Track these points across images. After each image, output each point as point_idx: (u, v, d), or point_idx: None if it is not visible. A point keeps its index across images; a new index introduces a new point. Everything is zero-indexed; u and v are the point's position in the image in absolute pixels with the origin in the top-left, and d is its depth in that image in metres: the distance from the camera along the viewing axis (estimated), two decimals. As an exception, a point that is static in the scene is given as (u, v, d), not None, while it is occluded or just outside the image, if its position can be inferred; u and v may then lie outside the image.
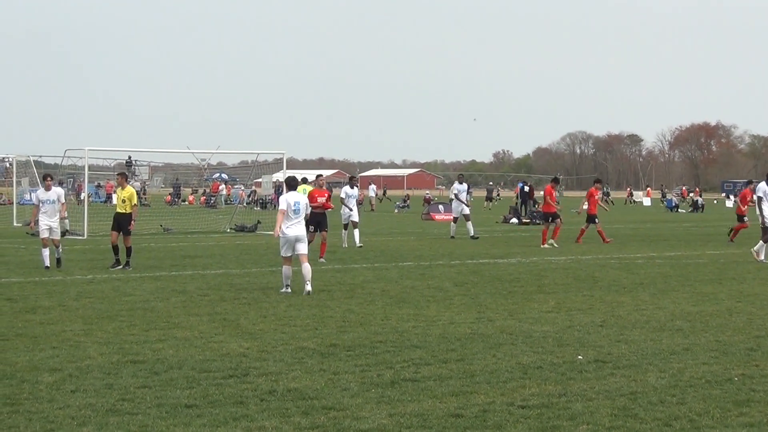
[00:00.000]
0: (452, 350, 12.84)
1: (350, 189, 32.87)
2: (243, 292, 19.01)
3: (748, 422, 9.25)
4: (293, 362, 11.94)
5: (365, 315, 16.02)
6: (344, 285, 20.46)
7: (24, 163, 50.84)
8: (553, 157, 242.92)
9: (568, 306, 17.37)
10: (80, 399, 9.92)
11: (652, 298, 18.57)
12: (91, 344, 13.08)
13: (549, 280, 21.60)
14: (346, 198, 32.52)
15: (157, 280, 21.13)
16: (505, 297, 18.62)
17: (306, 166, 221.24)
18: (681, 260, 27.57)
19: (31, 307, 16.76)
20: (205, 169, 74.33)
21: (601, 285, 20.83)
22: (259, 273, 23.02)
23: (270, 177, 58.16)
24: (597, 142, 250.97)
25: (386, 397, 10.13)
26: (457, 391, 10.40)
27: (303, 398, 10.03)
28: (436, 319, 15.62)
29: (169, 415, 9.33)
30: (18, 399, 9.91)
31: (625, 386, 10.75)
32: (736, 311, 16.90)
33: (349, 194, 32.61)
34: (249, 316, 15.86)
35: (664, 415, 9.49)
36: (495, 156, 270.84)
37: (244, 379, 10.96)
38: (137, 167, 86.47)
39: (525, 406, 9.76)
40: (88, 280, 21.32)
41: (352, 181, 34.08)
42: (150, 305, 17.07)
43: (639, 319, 15.85)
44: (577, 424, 9.12)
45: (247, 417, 9.26)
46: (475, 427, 9.01)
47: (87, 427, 8.87)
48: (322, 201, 26.42)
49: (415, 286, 20.46)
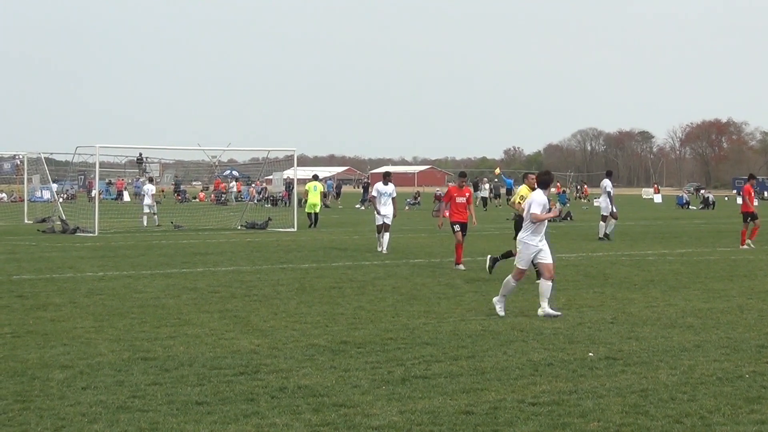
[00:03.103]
0: (463, 347, 12.83)
1: (384, 186, 28.88)
2: (254, 289, 19.02)
3: (759, 419, 9.23)
4: (304, 359, 11.94)
5: (376, 312, 16.02)
6: (355, 282, 20.45)
7: (35, 161, 50.92)
8: (564, 154, 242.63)
9: (579, 303, 17.35)
10: (91, 396, 9.94)
11: (663, 295, 18.53)
12: (101, 341, 13.10)
13: (560, 277, 21.50)
14: (378, 196, 28.68)
15: (168, 277, 21.15)
16: (515, 294, 18.54)
17: (317, 163, 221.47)
18: (692, 257, 27.51)
19: (42, 304, 16.80)
20: (215, 166, 74.42)
21: (612, 282, 20.80)
22: (270, 270, 23.03)
23: (281, 174, 58.14)
24: (608, 138, 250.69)
25: (397, 394, 10.12)
26: (468, 388, 10.39)
27: (314, 395, 10.03)
28: (447, 316, 15.62)
29: (179, 412, 9.34)
30: (29, 396, 9.93)
31: (635, 383, 10.72)
32: (747, 308, 16.85)
33: (382, 192, 28.74)
34: (260, 313, 15.86)
35: (675, 412, 9.47)
36: (506, 153, 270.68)
37: (254, 376, 10.96)
38: (148, 164, 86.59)
39: (536, 403, 9.75)
40: (99, 277, 21.36)
41: (387, 178, 29.45)
42: (161, 302, 17.10)
43: (650, 316, 15.82)
44: (587, 421, 9.10)
45: (258, 414, 9.26)
46: (486, 424, 9.00)
47: (98, 424, 8.88)
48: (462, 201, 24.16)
49: (425, 283, 20.45)
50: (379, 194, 28.60)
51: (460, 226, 23.92)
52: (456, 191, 24.46)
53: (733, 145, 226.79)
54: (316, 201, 44.28)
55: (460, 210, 24.12)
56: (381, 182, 29.08)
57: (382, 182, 28.95)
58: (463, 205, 24.18)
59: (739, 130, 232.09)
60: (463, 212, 24.13)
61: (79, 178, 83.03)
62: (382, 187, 28.69)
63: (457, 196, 24.29)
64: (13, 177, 71.54)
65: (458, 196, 24.28)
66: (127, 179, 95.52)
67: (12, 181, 73.16)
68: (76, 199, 68.41)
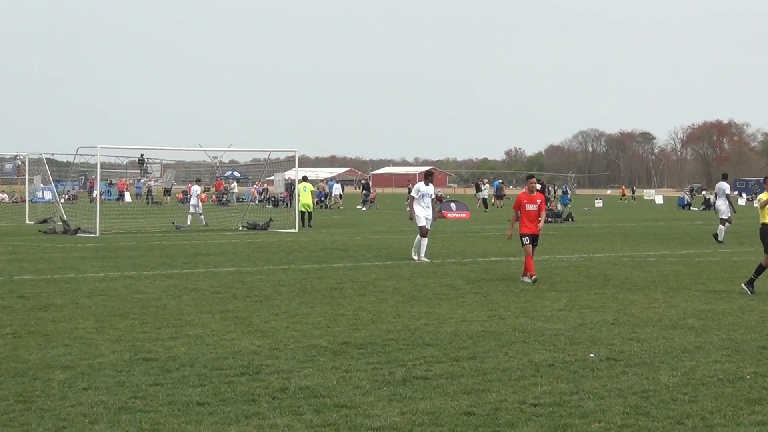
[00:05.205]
0: (464, 348, 12.83)
1: (425, 186, 26.50)
2: (255, 290, 19.02)
3: (761, 420, 9.22)
4: (305, 360, 11.94)
5: (377, 313, 16.02)
6: (356, 283, 20.45)
7: (36, 161, 50.93)
8: (566, 155, 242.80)
9: (581, 304, 17.34)
10: (92, 396, 9.94)
11: (664, 296, 18.53)
12: (103, 342, 13.10)
13: (561, 278, 21.55)
14: (419, 197, 26.42)
15: (169, 278, 21.16)
16: (517, 295, 18.60)
17: (318, 164, 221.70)
18: (693, 258, 27.50)
19: (44, 304, 16.80)
20: (217, 167, 74.44)
21: (614, 283, 20.79)
22: (271, 271, 23.03)
23: (282, 175, 58.07)
24: (609, 139, 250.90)
25: (398, 395, 10.12)
26: (469, 389, 10.39)
27: (315, 396, 10.03)
28: (448, 317, 15.61)
29: (180, 412, 9.34)
30: (30, 396, 9.93)
31: (637, 384, 10.72)
32: (749, 309, 16.85)
33: (424, 192, 26.43)
34: (261, 313, 15.86)
35: (676, 413, 9.47)
36: (507, 154, 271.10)
37: (255, 376, 10.96)
38: (149, 165, 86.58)
39: (537, 404, 9.75)
40: (100, 277, 21.36)
41: (429, 178, 26.96)
42: (162, 303, 17.10)
43: (651, 317, 15.82)
44: (589, 423, 9.10)
45: (259, 415, 9.26)
46: (487, 425, 9.00)
47: (99, 425, 8.88)
48: (532, 209, 21.32)
49: (427, 284, 20.45)
50: (420, 195, 26.33)
51: (530, 239, 21.09)
52: (526, 198, 21.31)
53: (734, 146, 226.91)
54: (308, 201, 45.81)
55: (531, 220, 21.20)
56: (422, 182, 26.69)
57: (424, 182, 26.60)
58: (534, 214, 21.23)
59: (740, 131, 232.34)
60: (534, 222, 21.23)
61: (80, 179, 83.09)
62: (424, 188, 26.41)
63: (527, 203, 21.29)
64: (14, 178, 71.54)
65: (528, 203, 21.28)
66: (128, 180, 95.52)
67: (13, 181, 73.16)
68: (77, 200, 68.43)
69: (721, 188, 35.66)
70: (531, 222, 21.13)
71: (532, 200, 21.19)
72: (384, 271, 22.97)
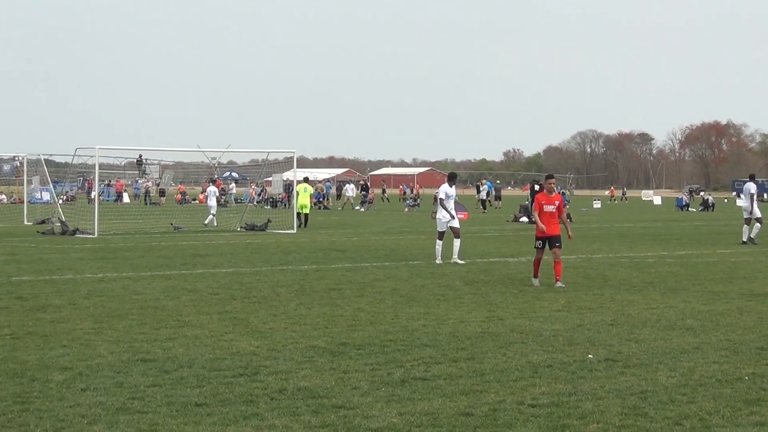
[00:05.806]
0: (462, 349, 12.82)
1: (450, 188, 26.38)
2: (253, 291, 19.02)
3: (759, 421, 9.22)
4: (303, 361, 11.94)
5: (375, 314, 16.02)
6: (354, 284, 20.45)
7: (35, 162, 50.94)
8: (564, 156, 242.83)
9: (579, 305, 17.34)
10: (90, 397, 9.93)
11: (662, 297, 18.53)
12: (101, 343, 13.10)
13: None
14: (446, 198, 26.26)
15: (168, 279, 21.15)
16: (515, 296, 18.60)
17: (316, 164, 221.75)
18: (691, 259, 27.50)
19: (42, 305, 16.80)
20: (215, 167, 74.44)
21: (612, 284, 20.80)
22: (270, 272, 23.03)
23: (280, 176, 58.14)
24: (607, 140, 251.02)
25: (396, 395, 10.12)
26: (467, 390, 10.39)
27: (313, 397, 10.03)
28: (447, 318, 15.61)
29: (179, 413, 9.33)
30: (28, 397, 9.93)
31: (635, 385, 10.72)
32: (747, 310, 16.85)
33: (450, 194, 26.35)
34: (259, 314, 15.86)
35: (675, 414, 9.47)
36: (505, 155, 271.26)
37: (254, 377, 10.96)
38: (147, 166, 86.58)
39: (535, 405, 9.75)
40: (98, 278, 21.36)
41: (453, 180, 26.82)
42: (160, 304, 17.10)
43: (649, 317, 15.82)
44: (587, 423, 9.10)
45: (257, 416, 9.26)
46: (485, 426, 9.00)
47: (97, 426, 8.88)
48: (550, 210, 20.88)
49: (425, 284, 20.45)
50: (447, 197, 26.19)
51: (543, 242, 20.77)
52: (544, 198, 20.93)
53: (732, 147, 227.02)
54: (306, 202, 45.90)
55: (548, 221, 20.77)
56: (446, 184, 26.49)
57: (448, 184, 26.43)
58: (553, 215, 20.83)
59: (738, 132, 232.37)
60: (551, 224, 20.77)
61: (78, 180, 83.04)
62: (450, 190, 26.28)
63: (546, 203, 20.88)
64: (12, 178, 71.51)
65: (547, 204, 20.86)
66: (126, 181, 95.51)
67: (12, 182, 73.14)
68: (75, 201, 68.40)
69: (747, 189, 35.42)
70: (548, 223, 20.75)
71: (550, 201, 20.86)
72: (382, 272, 22.97)
